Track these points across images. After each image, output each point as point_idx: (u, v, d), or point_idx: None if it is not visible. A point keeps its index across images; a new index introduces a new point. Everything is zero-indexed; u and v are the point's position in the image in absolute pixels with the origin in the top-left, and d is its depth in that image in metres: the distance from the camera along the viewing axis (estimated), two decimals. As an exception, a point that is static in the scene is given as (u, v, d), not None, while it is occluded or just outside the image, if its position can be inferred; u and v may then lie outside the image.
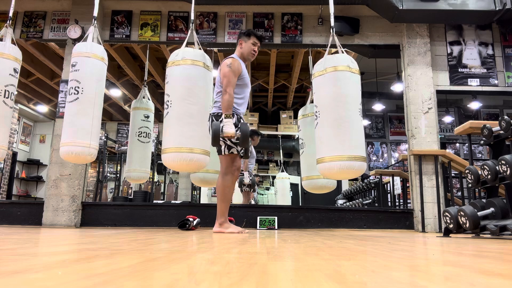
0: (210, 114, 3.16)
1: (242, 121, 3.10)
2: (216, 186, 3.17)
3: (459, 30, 4.82)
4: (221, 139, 2.99)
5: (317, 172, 3.62)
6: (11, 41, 3.84)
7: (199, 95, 3.36)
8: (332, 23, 3.51)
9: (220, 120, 2.99)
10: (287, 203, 7.37)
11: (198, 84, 3.37)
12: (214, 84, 3.45)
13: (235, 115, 3.05)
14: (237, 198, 6.58)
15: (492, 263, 1.02)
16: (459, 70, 4.69)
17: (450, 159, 4.36)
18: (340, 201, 8.37)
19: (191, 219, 3.43)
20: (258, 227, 4.16)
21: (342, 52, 3.43)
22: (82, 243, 1.65)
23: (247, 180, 4.93)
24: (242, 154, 3.11)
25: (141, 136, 5.03)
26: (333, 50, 3.59)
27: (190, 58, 3.40)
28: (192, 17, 3.65)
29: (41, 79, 7.58)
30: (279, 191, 7.64)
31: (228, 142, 3.03)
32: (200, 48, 3.63)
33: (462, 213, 2.63)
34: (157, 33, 4.82)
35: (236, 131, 2.95)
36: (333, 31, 3.47)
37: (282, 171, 7.96)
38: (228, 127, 2.90)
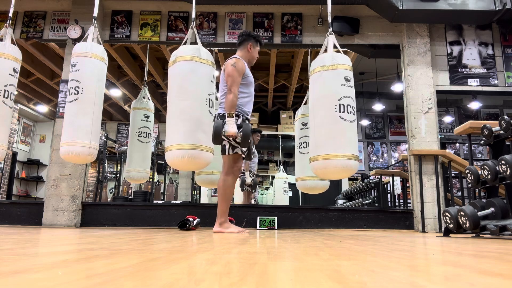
0: (216, 114, 3.14)
1: (248, 121, 3.09)
2: (217, 186, 3.16)
3: (459, 30, 4.82)
4: (225, 138, 2.99)
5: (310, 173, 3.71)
6: (11, 41, 3.84)
7: (189, 90, 3.35)
8: (330, 27, 3.57)
9: (224, 121, 2.99)
10: (284, 203, 7.36)
11: (188, 78, 3.37)
12: (217, 85, 3.46)
13: (241, 115, 3.05)
14: (238, 198, 6.57)
15: (492, 263, 1.02)
16: (459, 70, 4.69)
17: (450, 159, 4.36)
18: (340, 201, 8.37)
19: (191, 219, 3.42)
20: (258, 227, 4.16)
21: (338, 51, 3.49)
22: (82, 243, 1.65)
23: (248, 180, 4.92)
24: (245, 155, 3.11)
25: (141, 136, 5.03)
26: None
27: (180, 55, 3.43)
28: (193, 15, 3.64)
29: (41, 79, 7.58)
30: (277, 191, 7.64)
31: (233, 142, 3.02)
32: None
33: (462, 213, 2.63)
34: (157, 33, 4.82)
35: (239, 131, 2.95)
36: (330, 29, 3.52)
37: (283, 171, 7.95)
38: (230, 127, 2.89)
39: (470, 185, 3.21)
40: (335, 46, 3.49)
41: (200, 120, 3.29)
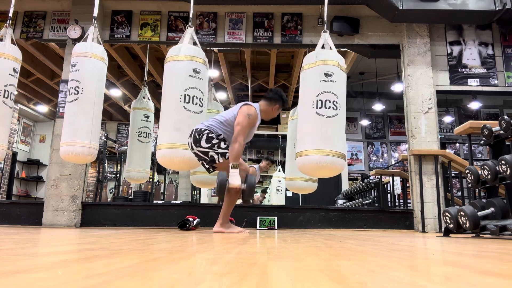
0: (194, 129, 3.07)
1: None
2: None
3: (459, 30, 4.82)
4: (208, 150, 2.98)
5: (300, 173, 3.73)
6: (11, 41, 3.84)
7: (165, 91, 3.49)
8: (325, 25, 3.59)
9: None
10: (279, 202, 7.37)
11: (165, 79, 3.50)
12: (210, 84, 3.45)
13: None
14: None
15: (492, 263, 1.02)
16: (459, 70, 4.69)
17: (450, 159, 4.36)
18: (340, 201, 8.36)
19: (191, 219, 3.43)
20: (258, 227, 4.16)
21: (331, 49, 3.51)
22: (82, 243, 1.65)
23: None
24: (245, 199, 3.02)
25: (141, 136, 5.04)
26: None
27: (166, 57, 3.54)
28: (191, 14, 3.64)
29: (41, 79, 7.57)
30: (272, 190, 7.65)
31: (219, 150, 2.98)
32: (195, 43, 3.63)
33: (462, 213, 2.63)
34: (157, 33, 4.82)
35: (243, 182, 2.89)
36: (325, 27, 3.58)
37: (279, 171, 7.94)
38: (235, 179, 2.82)
39: (470, 185, 3.21)
40: (331, 46, 3.51)
41: (174, 118, 3.34)
